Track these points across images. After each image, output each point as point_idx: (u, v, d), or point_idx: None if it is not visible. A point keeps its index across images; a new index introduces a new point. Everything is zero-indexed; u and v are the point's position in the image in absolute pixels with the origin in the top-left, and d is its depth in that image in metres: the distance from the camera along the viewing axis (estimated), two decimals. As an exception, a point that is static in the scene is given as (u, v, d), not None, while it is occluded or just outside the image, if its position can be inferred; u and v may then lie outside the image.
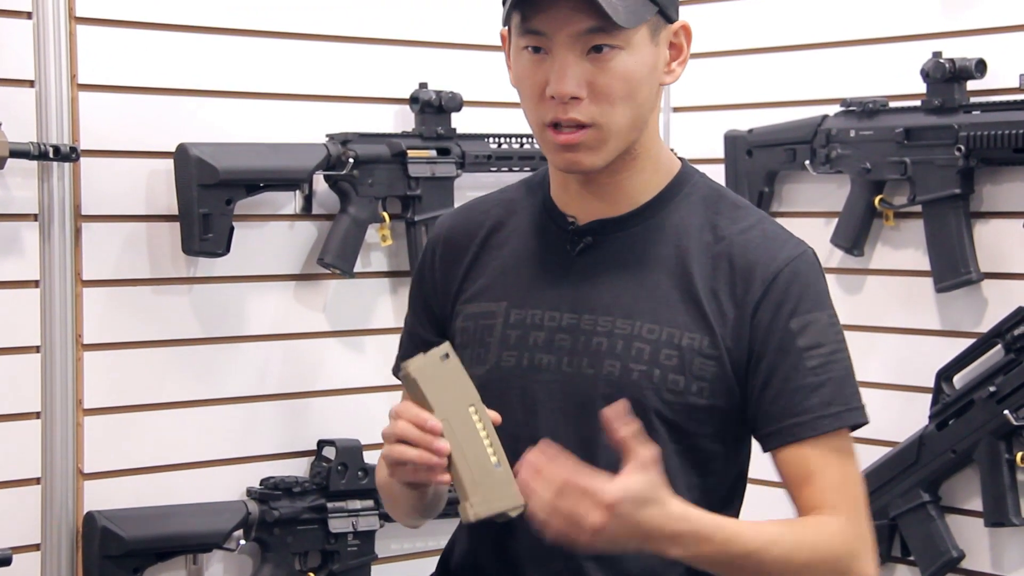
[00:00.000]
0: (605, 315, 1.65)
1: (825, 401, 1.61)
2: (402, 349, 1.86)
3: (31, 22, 2.35)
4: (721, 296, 1.63)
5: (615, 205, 1.69)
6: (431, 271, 1.80)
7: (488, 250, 1.75)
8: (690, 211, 1.68)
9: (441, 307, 1.78)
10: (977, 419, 2.50)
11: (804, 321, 1.62)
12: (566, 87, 1.58)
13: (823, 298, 1.65)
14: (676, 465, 1.63)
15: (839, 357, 1.64)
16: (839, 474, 1.62)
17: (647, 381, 1.62)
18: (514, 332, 1.68)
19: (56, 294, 2.38)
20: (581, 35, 1.58)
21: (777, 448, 1.63)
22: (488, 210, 1.79)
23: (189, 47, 2.53)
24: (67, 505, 2.41)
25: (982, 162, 2.54)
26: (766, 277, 1.63)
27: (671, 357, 1.62)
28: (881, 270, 2.74)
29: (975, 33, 2.59)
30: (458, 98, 2.73)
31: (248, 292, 2.61)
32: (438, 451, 1.54)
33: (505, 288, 1.71)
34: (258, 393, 2.63)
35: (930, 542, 2.59)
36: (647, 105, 1.64)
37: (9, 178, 2.34)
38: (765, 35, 2.92)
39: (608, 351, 1.64)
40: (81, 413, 2.43)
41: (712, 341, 1.62)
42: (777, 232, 1.68)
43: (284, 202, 2.64)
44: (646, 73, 1.61)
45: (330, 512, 2.61)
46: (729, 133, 2.90)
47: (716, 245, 1.65)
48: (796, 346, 1.61)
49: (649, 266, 1.66)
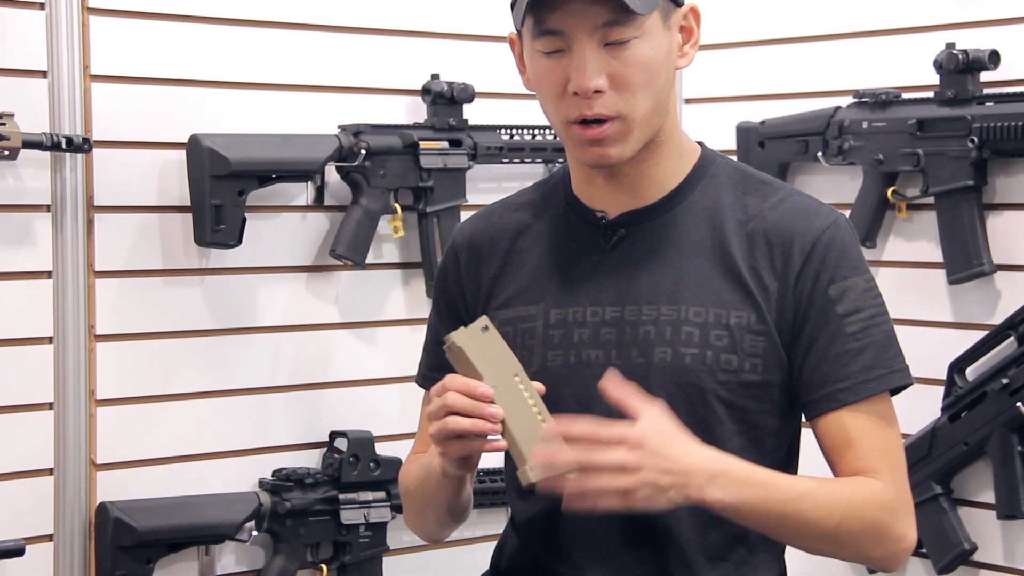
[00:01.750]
0: (649, 304, 1.65)
1: (868, 365, 1.63)
2: (429, 356, 1.84)
3: (44, 13, 2.35)
4: (762, 272, 1.64)
5: (643, 195, 1.69)
6: (456, 279, 1.80)
7: (516, 254, 1.75)
8: (719, 192, 1.69)
9: (469, 312, 1.77)
10: (989, 411, 2.50)
11: (842, 288, 1.64)
12: (589, 81, 1.59)
13: (859, 263, 1.67)
14: (737, 445, 1.64)
15: (879, 321, 1.65)
16: (880, 439, 1.64)
17: (700, 364, 1.62)
18: (557, 332, 1.68)
19: (69, 285, 2.39)
20: (598, 28, 1.58)
21: (821, 415, 1.64)
22: (510, 215, 1.79)
23: (201, 38, 2.53)
24: (80, 496, 2.41)
25: (995, 154, 2.53)
26: (804, 247, 1.64)
27: (721, 337, 1.63)
28: (893, 262, 2.73)
29: (988, 24, 2.58)
30: (470, 89, 2.72)
31: (260, 283, 2.61)
32: (492, 416, 1.53)
33: (541, 290, 1.71)
34: (270, 384, 2.63)
35: (942, 535, 2.58)
36: (666, 90, 1.65)
37: (22, 169, 2.34)
38: (777, 26, 2.92)
39: (657, 338, 1.64)
40: (94, 404, 2.43)
41: (759, 317, 1.63)
42: (808, 202, 1.69)
43: (296, 193, 2.65)
44: (662, 58, 1.62)
45: (342, 503, 2.61)
46: (741, 124, 2.90)
47: (749, 223, 1.66)
48: (835, 312, 1.63)
49: (686, 250, 1.66)
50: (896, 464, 1.65)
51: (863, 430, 1.63)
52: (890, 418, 1.66)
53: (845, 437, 1.63)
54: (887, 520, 1.62)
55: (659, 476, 1.49)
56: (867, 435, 1.63)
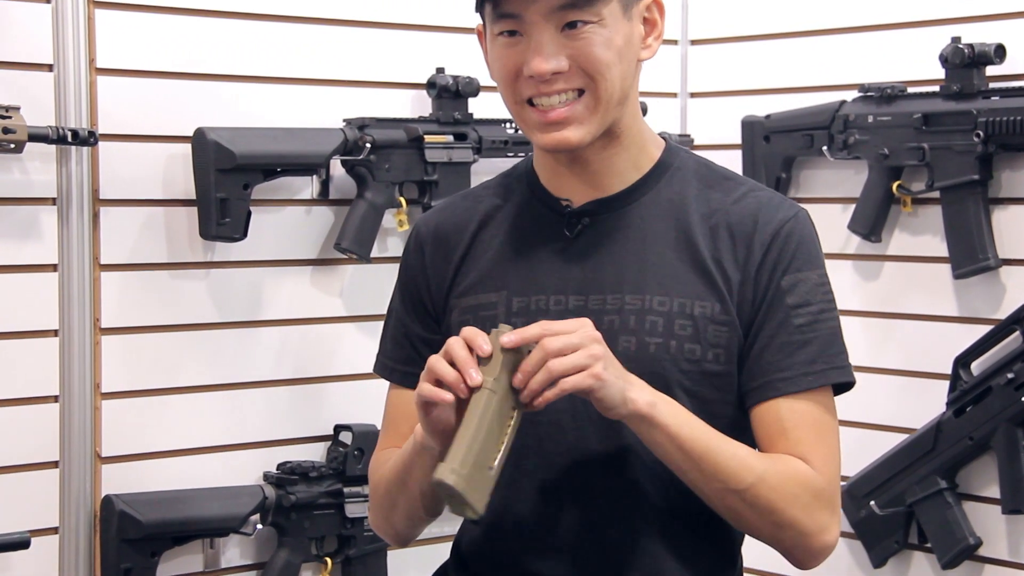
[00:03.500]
0: (613, 293, 1.65)
1: (810, 359, 1.63)
2: (395, 347, 1.81)
3: (50, 6, 2.35)
4: (725, 263, 1.65)
5: (607, 185, 1.70)
6: (421, 269, 1.78)
7: (480, 242, 1.75)
8: (683, 185, 1.70)
9: (434, 304, 1.77)
10: (995, 406, 2.50)
11: (794, 280, 1.64)
12: (545, 64, 1.59)
13: (814, 258, 1.67)
14: None
15: (826, 317, 1.65)
16: (815, 432, 1.63)
17: (664, 353, 1.63)
18: (519, 320, 1.67)
19: (74, 278, 2.39)
20: (554, 11, 1.59)
21: (758, 403, 1.64)
22: (474, 204, 1.78)
23: (207, 31, 2.53)
24: (85, 489, 2.41)
25: (1001, 148, 2.54)
26: (764, 239, 1.65)
27: (685, 327, 1.63)
28: (899, 256, 2.73)
29: (994, 18, 2.59)
30: (475, 83, 2.72)
31: (265, 277, 2.61)
32: (470, 378, 1.49)
33: (503, 277, 1.71)
34: (275, 378, 2.63)
35: (947, 529, 2.59)
36: (627, 79, 1.64)
37: (28, 162, 2.34)
38: (783, 20, 2.91)
39: (621, 327, 1.64)
40: (99, 397, 2.43)
41: (723, 307, 1.64)
42: (771, 197, 1.70)
43: (301, 187, 2.65)
44: (621, 45, 1.62)
45: (347, 497, 2.61)
46: (746, 119, 2.90)
47: (713, 216, 1.67)
48: (785, 303, 1.64)
49: (650, 240, 1.67)
50: (828, 457, 1.63)
51: (798, 422, 1.62)
52: (828, 413, 1.65)
53: (780, 427, 1.62)
54: (807, 501, 1.60)
55: (610, 363, 1.51)
56: (801, 426, 1.62)
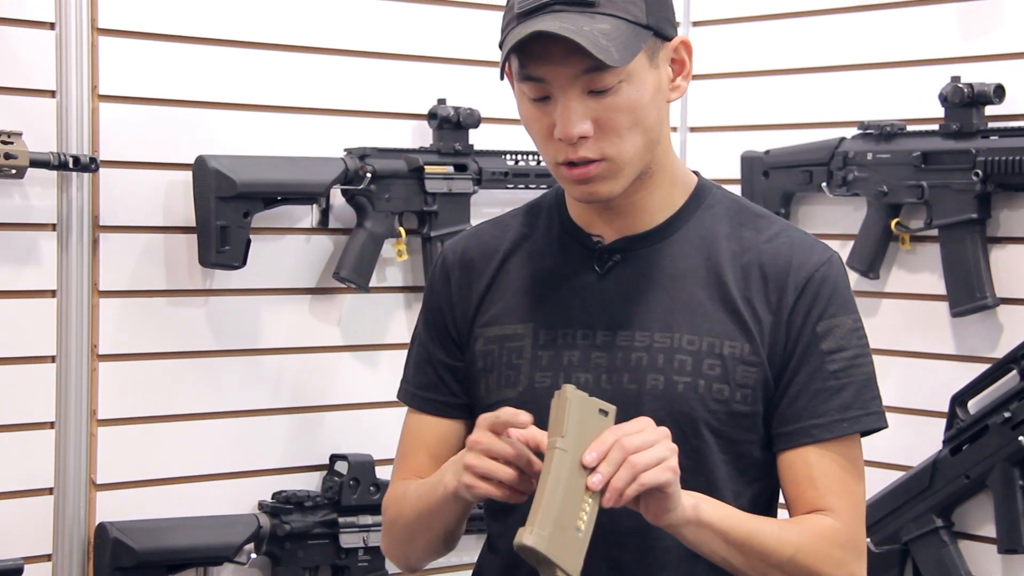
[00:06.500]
0: (642, 330, 1.65)
1: (844, 405, 1.63)
2: (417, 372, 1.80)
3: (54, 33, 2.36)
4: (756, 303, 1.64)
5: (638, 222, 1.69)
6: (447, 296, 1.78)
7: (506, 272, 1.74)
8: (714, 222, 1.69)
9: (459, 331, 1.76)
10: (991, 445, 2.50)
11: (829, 325, 1.64)
12: (572, 129, 1.58)
13: (849, 303, 1.67)
14: (724, 474, 1.63)
15: (861, 362, 1.65)
16: (842, 481, 1.63)
17: (692, 393, 1.62)
18: (546, 353, 1.67)
19: (73, 304, 2.39)
20: (580, 76, 1.57)
21: (788, 448, 1.64)
22: (502, 233, 1.77)
23: (209, 60, 2.53)
24: (79, 516, 2.41)
25: (999, 187, 2.54)
26: (799, 282, 1.64)
27: (714, 367, 1.63)
28: (897, 293, 2.74)
29: (994, 58, 2.60)
30: (476, 114, 2.73)
31: (264, 305, 2.61)
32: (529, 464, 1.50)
33: (530, 309, 1.70)
34: (271, 406, 2.63)
35: (943, 568, 2.58)
36: (656, 127, 1.64)
37: (29, 188, 2.34)
38: (783, 56, 2.92)
39: (649, 365, 1.63)
40: (95, 423, 2.43)
41: (753, 348, 1.63)
42: (803, 238, 1.70)
43: (301, 216, 2.65)
44: (650, 99, 1.61)
45: (341, 527, 2.60)
46: (746, 154, 2.91)
47: (745, 255, 1.66)
48: (819, 349, 1.63)
49: (681, 278, 1.66)
50: (854, 507, 1.64)
51: (827, 469, 1.63)
52: (856, 461, 1.66)
53: (808, 473, 1.63)
54: (839, 557, 1.61)
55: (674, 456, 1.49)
56: (830, 475, 1.63)
